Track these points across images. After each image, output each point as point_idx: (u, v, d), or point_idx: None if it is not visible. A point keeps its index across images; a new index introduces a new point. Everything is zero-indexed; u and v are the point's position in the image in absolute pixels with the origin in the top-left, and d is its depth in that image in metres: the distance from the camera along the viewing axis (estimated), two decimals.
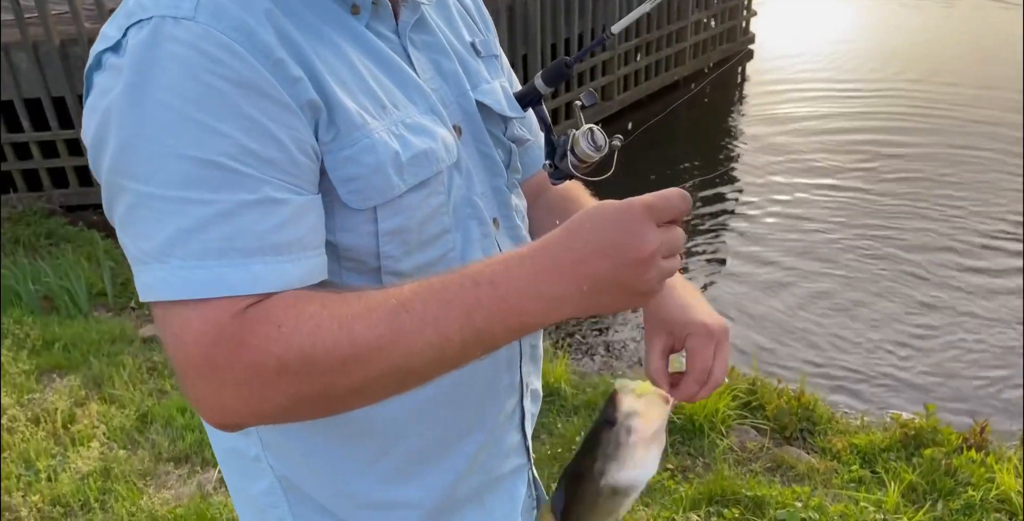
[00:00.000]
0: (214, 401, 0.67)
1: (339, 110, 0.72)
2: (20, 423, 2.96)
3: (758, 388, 3.15)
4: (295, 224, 0.69)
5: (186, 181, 0.65)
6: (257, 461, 0.90)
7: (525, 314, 0.68)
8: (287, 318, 0.65)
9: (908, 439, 2.84)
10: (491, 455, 0.95)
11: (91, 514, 2.46)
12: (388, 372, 0.67)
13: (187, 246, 0.65)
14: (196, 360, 0.65)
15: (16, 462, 2.71)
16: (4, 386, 3.21)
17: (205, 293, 0.65)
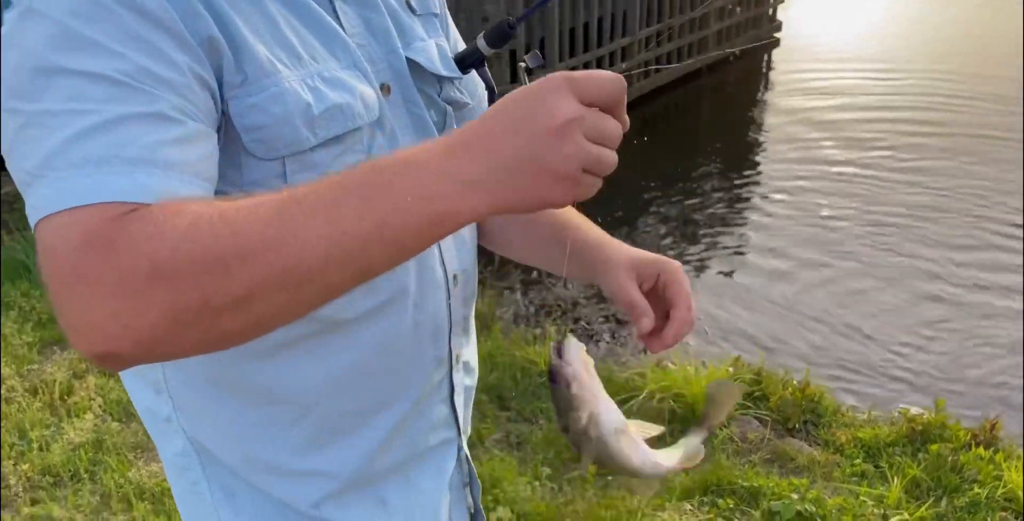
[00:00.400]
0: (84, 321, 0.57)
1: (247, 54, 0.69)
2: (18, 393, 2.96)
3: (763, 379, 3.09)
4: (188, 146, 0.63)
5: (74, 95, 0.60)
6: (168, 422, 0.87)
7: (433, 200, 0.59)
8: (165, 215, 0.57)
9: (915, 434, 2.77)
10: (416, 428, 0.92)
11: (80, 484, 2.45)
12: (277, 273, 0.57)
13: (68, 155, 0.59)
14: (63, 271, 0.57)
15: (11, 431, 2.72)
16: (5, 357, 3.22)
17: (82, 200, 0.58)
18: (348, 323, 0.80)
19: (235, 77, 0.68)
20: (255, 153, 0.71)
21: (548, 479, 2.49)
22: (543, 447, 2.75)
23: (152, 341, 0.57)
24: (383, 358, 0.84)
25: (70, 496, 2.39)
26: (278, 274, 0.57)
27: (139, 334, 0.57)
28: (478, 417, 2.99)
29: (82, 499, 2.38)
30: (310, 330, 0.79)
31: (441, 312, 0.88)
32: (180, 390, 0.84)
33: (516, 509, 2.29)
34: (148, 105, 0.61)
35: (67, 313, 0.58)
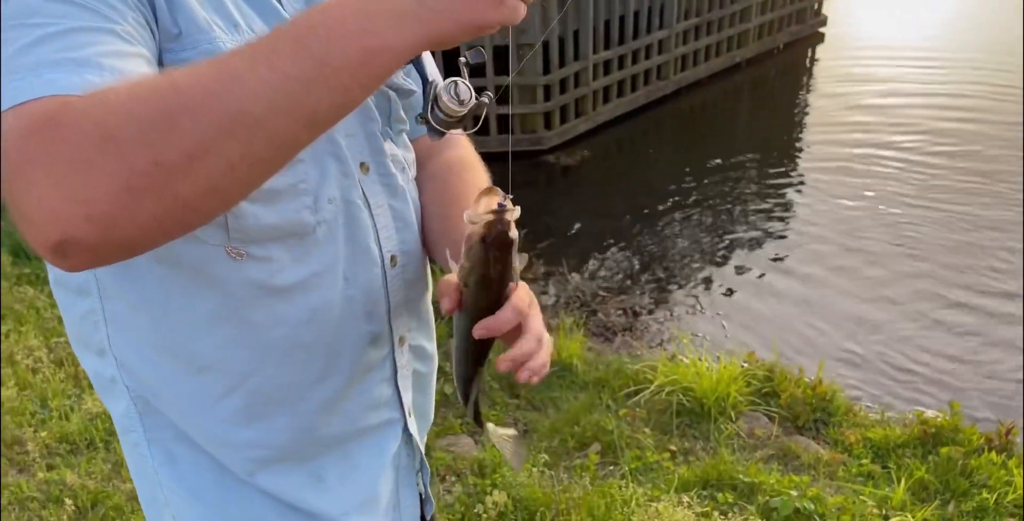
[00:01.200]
0: (36, 207, 0.55)
1: (182, 10, 0.71)
2: (44, 365, 3.07)
3: (775, 375, 3.06)
4: (135, 62, 0.64)
5: (32, 11, 0.62)
6: (114, 382, 0.89)
7: (364, 34, 0.60)
8: (107, 88, 0.57)
9: (927, 437, 2.72)
10: (355, 404, 0.92)
11: (94, 452, 2.54)
12: (224, 121, 0.56)
13: (23, 58, 0.60)
14: (14, 160, 0.55)
15: (33, 400, 2.82)
16: (35, 329, 3.33)
17: (32, 95, 0.57)
18: (277, 293, 0.81)
19: (171, 29, 0.70)
20: None
21: (546, 466, 2.50)
22: (548, 435, 2.77)
23: (108, 218, 0.55)
24: (314, 331, 0.85)
25: (84, 463, 2.48)
26: (225, 122, 0.56)
27: (93, 209, 0.54)
28: (488, 404, 3.02)
29: (95, 466, 2.46)
30: (240, 299, 0.80)
31: (375, 290, 0.88)
32: (123, 351, 0.86)
33: (512, 494, 2.31)
34: (101, 22, 0.63)
35: (19, 204, 0.56)
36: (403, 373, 0.96)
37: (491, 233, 0.73)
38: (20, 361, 3.08)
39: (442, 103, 0.78)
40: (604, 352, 3.57)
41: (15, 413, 2.75)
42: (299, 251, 0.80)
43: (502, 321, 0.76)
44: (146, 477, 0.93)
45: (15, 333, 3.31)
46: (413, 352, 0.97)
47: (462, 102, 0.78)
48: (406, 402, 0.98)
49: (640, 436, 2.71)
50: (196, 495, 0.91)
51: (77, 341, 0.90)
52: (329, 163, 0.82)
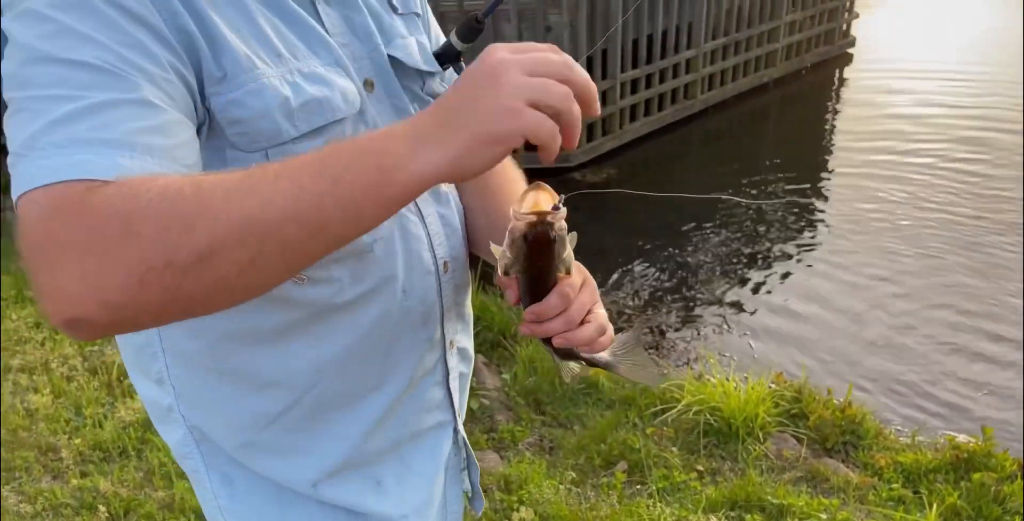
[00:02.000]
0: (53, 284, 0.57)
1: (225, 51, 0.72)
2: (79, 373, 3.12)
3: (804, 397, 3.04)
4: (166, 132, 0.65)
5: (60, 81, 0.63)
6: (170, 411, 0.91)
7: (382, 154, 0.61)
8: (138, 181, 0.59)
9: (959, 462, 2.68)
10: (410, 408, 0.94)
11: (126, 460, 2.57)
12: (237, 226, 0.58)
13: (51, 136, 0.61)
14: (35, 236, 0.58)
15: (68, 408, 2.86)
16: (69, 339, 3.39)
17: (61, 176, 0.59)
18: (339, 309, 0.83)
19: (215, 73, 0.72)
20: (239, 146, 0.74)
21: (573, 483, 2.50)
22: (574, 453, 2.76)
23: (117, 304, 0.57)
24: (374, 342, 0.87)
25: (116, 471, 2.51)
26: (238, 228, 0.58)
27: (105, 295, 0.57)
28: (513, 419, 3.02)
29: (127, 474, 2.50)
30: (303, 316, 0.82)
31: (431, 297, 0.91)
32: (181, 380, 0.88)
33: (540, 511, 2.31)
34: (129, 92, 0.64)
35: (37, 279, 0.58)
36: (453, 375, 0.99)
37: (533, 232, 0.74)
38: (55, 369, 3.13)
39: None
40: None
41: (50, 420, 2.80)
42: (359, 269, 0.83)
43: (548, 307, 0.78)
44: (207, 501, 0.95)
45: (50, 341, 3.37)
46: (460, 354, 1.00)
47: None
48: (456, 403, 1.00)
49: (667, 455, 2.69)
50: (256, 514, 0.94)
51: (135, 370, 0.93)
52: None
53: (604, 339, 0.82)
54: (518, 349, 3.45)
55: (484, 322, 3.65)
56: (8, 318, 3.57)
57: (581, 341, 0.80)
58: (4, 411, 2.86)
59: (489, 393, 3.15)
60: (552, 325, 0.78)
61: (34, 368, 3.15)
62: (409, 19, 0.94)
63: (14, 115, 0.63)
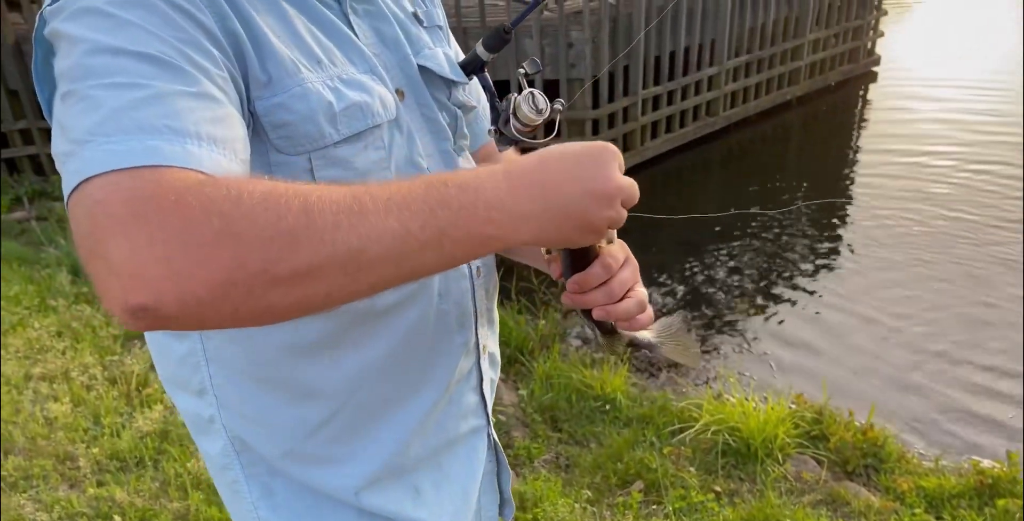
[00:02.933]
0: (130, 265, 0.55)
1: (271, 56, 0.73)
2: (98, 382, 3.14)
3: (824, 418, 3.00)
4: (227, 125, 0.65)
5: (121, 70, 0.62)
6: (211, 422, 0.91)
7: (489, 224, 0.65)
8: (240, 183, 0.59)
9: (984, 487, 2.63)
10: (447, 414, 0.95)
11: (143, 470, 2.58)
12: (343, 255, 0.59)
13: (119, 122, 0.59)
14: (119, 216, 0.55)
15: (87, 417, 2.88)
16: (91, 347, 3.42)
17: (138, 161, 0.57)
18: (379, 315, 0.84)
19: (260, 77, 0.73)
20: (283, 149, 0.76)
21: (588, 502, 2.47)
22: (590, 471, 2.74)
23: (196, 300, 0.56)
24: (412, 346, 0.88)
25: (133, 481, 2.52)
26: (343, 256, 0.59)
27: (186, 285, 0.55)
28: (530, 436, 3.00)
29: (143, 485, 2.50)
30: (344, 323, 0.83)
31: (466, 301, 0.92)
32: (224, 390, 0.88)
33: None
34: (191, 85, 0.64)
35: (111, 257, 0.55)
36: (486, 380, 1.00)
37: None
38: (75, 378, 3.16)
39: (521, 113, 0.82)
40: (648, 388, 3.53)
41: (68, 429, 2.82)
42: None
43: (591, 276, 0.79)
44: (245, 513, 0.95)
45: (71, 350, 3.40)
46: (490, 359, 1.02)
47: (540, 111, 0.82)
48: (488, 408, 1.01)
49: (684, 475, 2.66)
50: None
51: (173, 383, 0.93)
52: None
53: (644, 317, 0.83)
54: (535, 365, 3.43)
55: (501, 337, 3.64)
56: (31, 326, 3.61)
57: (621, 315, 0.81)
58: (23, 419, 2.88)
59: (505, 409, 3.13)
60: (594, 296, 0.80)
61: (54, 377, 3.18)
62: (433, 32, 0.96)
63: (74, 104, 0.62)
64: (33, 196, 5.69)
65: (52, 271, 4.22)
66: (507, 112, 0.84)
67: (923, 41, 10.71)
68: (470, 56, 0.92)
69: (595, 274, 0.79)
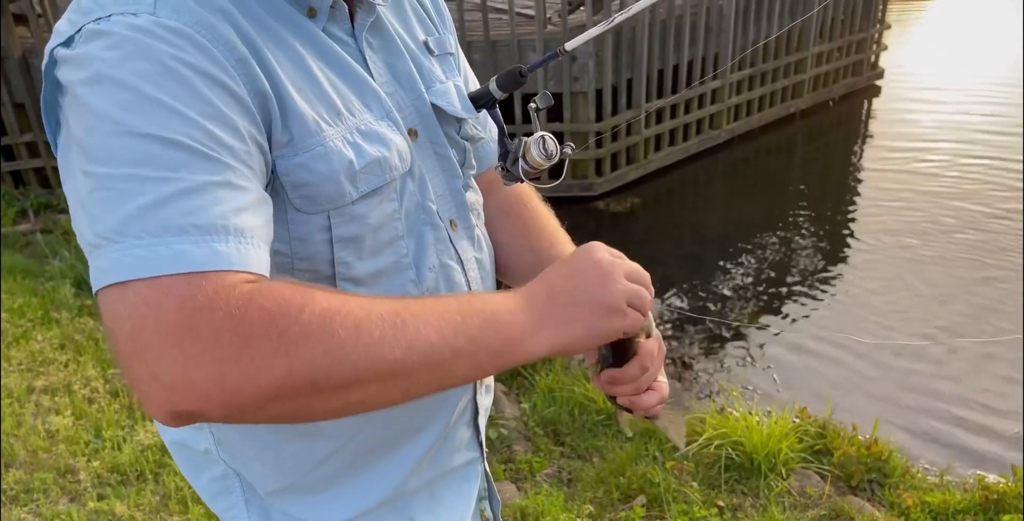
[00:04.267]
0: (181, 378, 0.57)
1: (294, 115, 0.72)
2: (100, 395, 3.14)
3: (828, 433, 2.98)
4: (255, 213, 0.66)
5: (147, 159, 0.62)
6: (207, 453, 0.90)
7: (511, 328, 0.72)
8: (295, 296, 0.61)
9: (989, 503, 2.61)
10: (442, 450, 0.95)
11: (143, 484, 2.57)
12: (384, 367, 0.63)
13: (145, 223, 0.61)
14: (171, 325, 0.57)
15: (88, 430, 2.88)
16: (94, 360, 3.42)
17: (163, 270, 0.59)
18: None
19: (282, 136, 0.72)
20: (301, 209, 0.75)
21: (590, 517, 2.46)
22: (592, 485, 2.72)
23: (242, 408, 0.60)
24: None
25: (133, 494, 2.51)
26: (384, 368, 0.64)
27: (236, 399, 0.59)
28: (532, 450, 2.99)
29: (144, 498, 2.50)
30: None
31: None
32: (221, 428, 0.88)
33: None
34: (218, 173, 0.64)
35: (159, 365, 0.58)
36: (481, 413, 1.00)
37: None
38: (77, 391, 3.16)
39: (530, 157, 0.83)
40: None
41: (70, 442, 2.81)
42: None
43: (625, 375, 0.84)
44: None
45: (74, 363, 3.40)
46: (486, 390, 1.02)
47: (549, 156, 0.83)
48: (482, 440, 1.02)
49: (687, 490, 2.65)
50: None
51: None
52: (426, 232, 0.86)
53: (660, 406, 0.88)
54: (538, 378, 3.42)
55: None
56: (34, 339, 3.62)
57: (643, 408, 0.87)
58: (25, 433, 2.88)
59: (508, 422, 3.12)
60: (624, 389, 0.86)
61: (56, 389, 3.18)
62: (444, 59, 0.95)
63: (97, 191, 0.63)
64: (38, 208, 5.72)
65: (56, 283, 4.23)
66: (516, 153, 0.85)
67: (929, 50, 10.73)
68: (482, 91, 0.89)
69: (630, 374, 0.84)
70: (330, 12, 0.79)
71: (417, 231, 0.85)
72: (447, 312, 0.68)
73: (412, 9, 0.94)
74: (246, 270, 0.63)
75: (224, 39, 0.68)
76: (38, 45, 5.66)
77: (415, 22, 0.93)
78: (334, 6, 0.80)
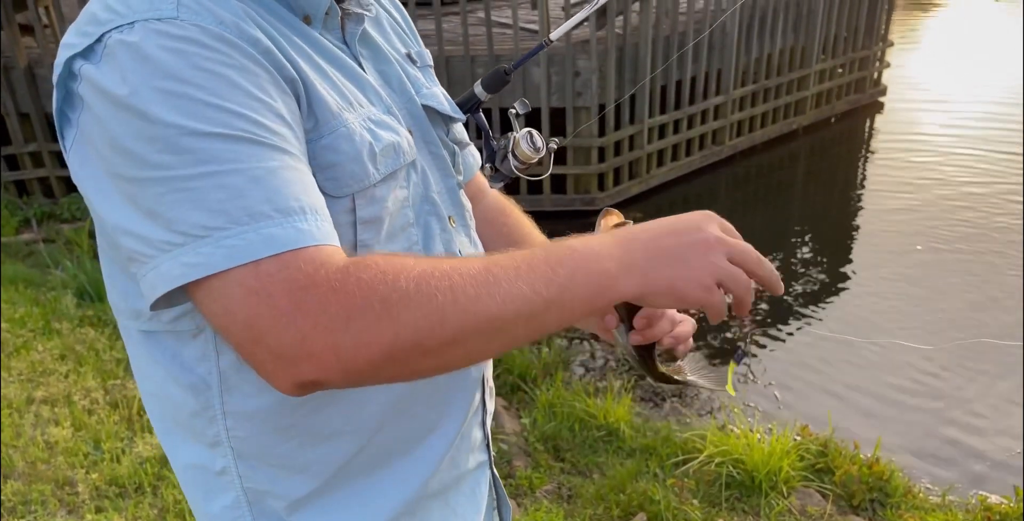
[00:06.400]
0: (301, 351, 0.63)
1: (317, 101, 0.76)
2: (100, 406, 3.14)
3: (829, 451, 2.97)
4: (316, 191, 0.71)
5: (211, 157, 0.66)
6: (223, 474, 0.87)
7: (601, 274, 0.72)
8: (389, 265, 0.66)
9: None
10: (460, 450, 0.96)
11: (141, 496, 2.56)
12: (482, 323, 0.67)
13: (230, 214, 0.65)
14: (284, 308, 0.63)
15: (87, 441, 2.87)
16: (94, 370, 3.42)
17: (259, 254, 0.64)
18: None
19: (308, 122, 0.75)
20: (328, 191, 0.76)
21: None
22: (593, 502, 2.71)
23: (360, 372, 0.65)
24: (434, 382, 0.87)
25: (131, 507, 2.50)
26: (483, 324, 0.67)
27: (353, 365, 0.64)
28: (532, 466, 2.97)
29: (141, 511, 2.49)
30: None
31: None
32: (241, 440, 0.85)
33: None
34: (278, 159, 0.68)
35: (277, 345, 0.63)
36: (488, 413, 1.01)
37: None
38: (77, 402, 3.15)
39: (520, 151, 0.85)
40: (652, 418, 3.50)
41: (68, 454, 2.80)
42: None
43: (657, 332, 0.88)
44: None
45: (74, 374, 3.40)
46: (490, 392, 1.03)
47: (537, 149, 0.86)
48: (490, 443, 1.03)
49: (688, 508, 2.63)
50: None
51: (181, 433, 0.89)
52: (432, 222, 0.89)
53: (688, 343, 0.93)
54: (538, 393, 3.42)
55: (505, 365, 3.63)
56: (34, 349, 3.61)
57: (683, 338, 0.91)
58: (24, 444, 2.87)
59: (508, 438, 3.11)
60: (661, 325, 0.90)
61: (56, 400, 3.17)
62: (425, 71, 0.99)
63: (168, 194, 0.66)
64: (41, 218, 5.73)
65: (58, 293, 4.23)
66: (505, 149, 0.87)
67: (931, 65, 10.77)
68: (468, 95, 0.94)
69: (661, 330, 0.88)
70: (324, 19, 0.83)
71: (424, 220, 0.88)
72: (537, 261, 0.70)
73: (390, 25, 0.98)
74: (328, 243, 0.68)
75: (248, 35, 0.71)
76: (44, 55, 5.70)
77: (394, 36, 0.97)
78: (328, 13, 0.83)
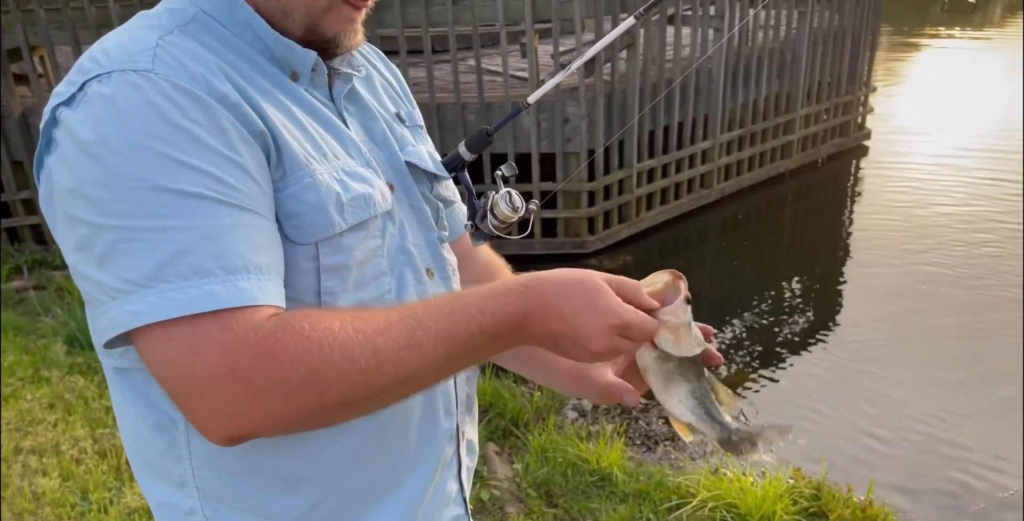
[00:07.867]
0: (231, 410, 0.68)
1: (285, 150, 0.79)
2: (88, 455, 3.10)
3: (822, 494, 2.95)
4: (270, 249, 0.75)
5: (168, 211, 0.69)
6: (191, 514, 0.89)
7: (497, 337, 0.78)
8: (315, 331, 0.70)
9: None
10: (433, 503, 0.96)
11: None
12: (402, 381, 0.73)
13: (176, 269, 0.68)
14: (217, 369, 0.67)
15: (75, 492, 2.84)
16: (83, 419, 3.39)
17: (196, 308, 0.68)
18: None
19: (276, 172, 0.78)
20: (293, 238, 0.80)
21: None
22: None
23: (284, 427, 0.72)
24: (395, 430, 0.89)
25: None
26: (402, 380, 0.74)
27: (280, 421, 0.71)
28: (524, 512, 2.95)
29: None
30: None
31: (449, 388, 0.95)
32: (206, 481, 0.87)
33: None
34: (234, 217, 0.72)
35: (212, 406, 0.69)
36: (465, 467, 1.01)
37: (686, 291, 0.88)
38: (65, 451, 3.12)
39: (498, 210, 0.89)
40: (645, 462, 3.48)
41: (56, 505, 2.77)
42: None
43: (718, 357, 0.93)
44: None
45: (63, 423, 3.37)
46: (468, 447, 1.03)
47: (516, 209, 0.88)
48: (467, 497, 1.02)
49: None
50: None
51: (151, 474, 0.91)
52: (406, 273, 0.91)
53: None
54: (530, 438, 3.40)
55: (496, 409, 3.62)
56: (23, 398, 3.59)
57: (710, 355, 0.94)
58: (11, 495, 2.83)
59: (500, 484, 3.09)
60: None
61: (44, 450, 3.14)
62: (414, 130, 1.02)
63: (121, 243, 0.70)
64: (33, 265, 5.73)
65: (48, 341, 4.21)
66: (484, 208, 0.91)
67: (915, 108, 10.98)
68: (452, 155, 0.97)
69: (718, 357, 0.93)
70: (311, 76, 0.86)
71: (398, 271, 0.89)
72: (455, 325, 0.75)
73: (382, 85, 1.02)
74: (266, 303, 0.71)
75: (217, 90, 0.75)
76: (38, 104, 5.77)
77: (385, 97, 1.01)
78: (315, 70, 0.86)
